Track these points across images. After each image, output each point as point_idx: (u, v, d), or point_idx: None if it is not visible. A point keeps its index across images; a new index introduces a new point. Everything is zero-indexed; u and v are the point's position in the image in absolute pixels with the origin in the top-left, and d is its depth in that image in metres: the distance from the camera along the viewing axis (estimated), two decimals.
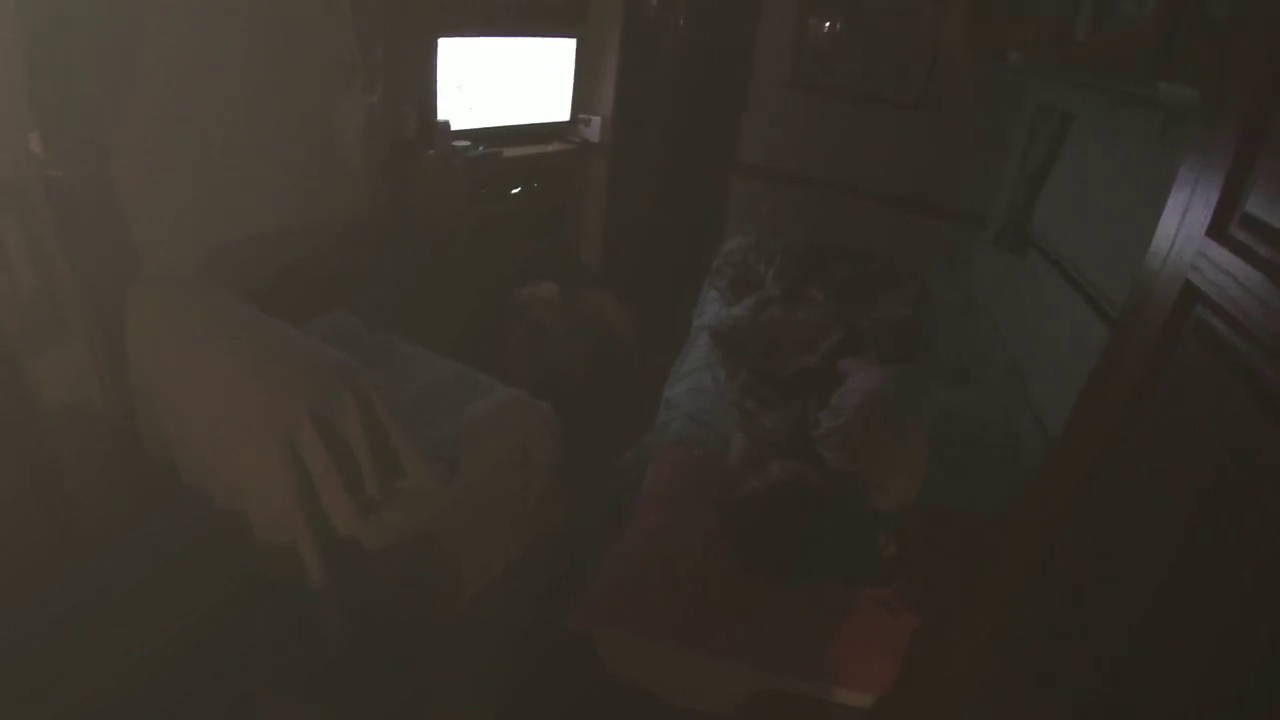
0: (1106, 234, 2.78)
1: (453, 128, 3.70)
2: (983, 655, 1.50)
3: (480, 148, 3.83)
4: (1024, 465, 2.59)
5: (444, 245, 3.57)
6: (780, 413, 2.65)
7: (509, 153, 4.01)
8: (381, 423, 2.03)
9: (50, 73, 2.03)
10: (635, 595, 1.98)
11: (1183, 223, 1.11)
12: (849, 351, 2.99)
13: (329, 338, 2.38)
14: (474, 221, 3.75)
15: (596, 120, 4.46)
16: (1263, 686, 0.83)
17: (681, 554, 2.09)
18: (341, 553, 2.08)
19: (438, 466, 2.21)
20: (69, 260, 2.16)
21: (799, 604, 2.00)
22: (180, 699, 1.97)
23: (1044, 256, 3.28)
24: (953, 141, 4.18)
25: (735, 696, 1.93)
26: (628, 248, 4.88)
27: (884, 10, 4.09)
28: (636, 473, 2.54)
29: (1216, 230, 1.02)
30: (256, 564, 2.14)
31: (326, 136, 3.11)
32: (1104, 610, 1.14)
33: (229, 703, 2.01)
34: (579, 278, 4.67)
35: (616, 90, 4.45)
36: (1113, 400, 1.22)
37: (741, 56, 4.44)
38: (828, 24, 4.21)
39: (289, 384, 1.94)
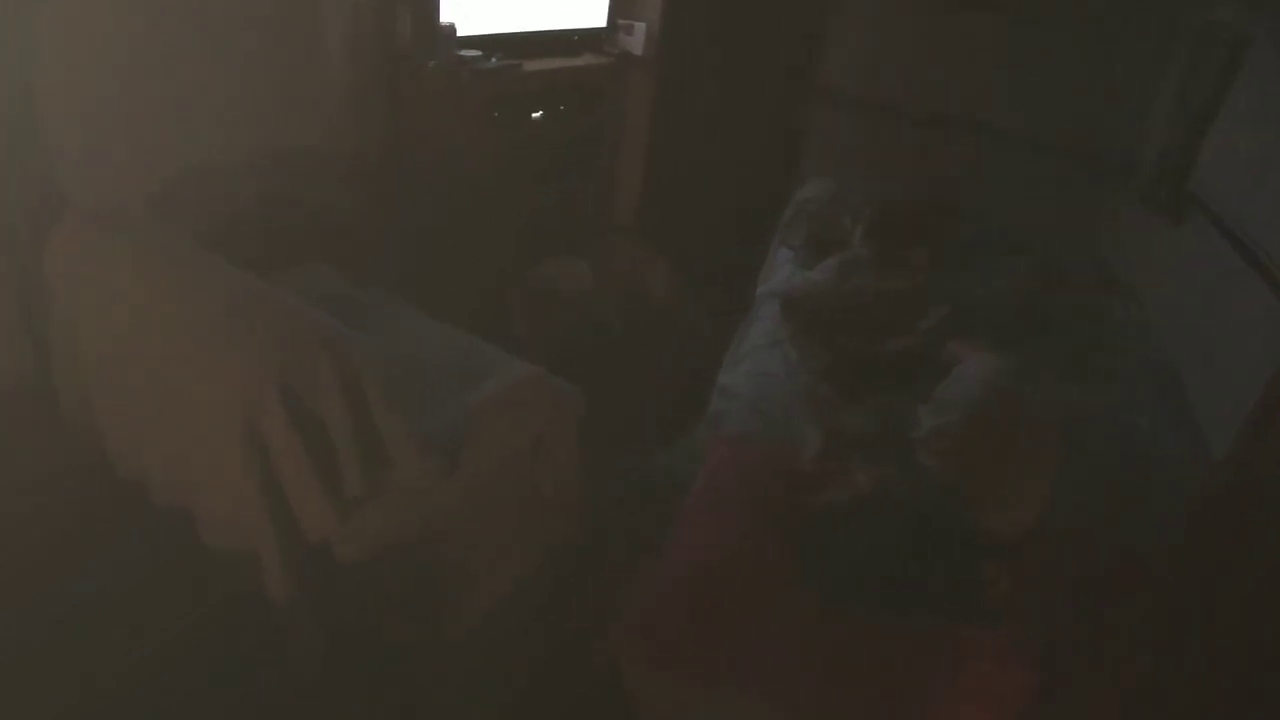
0: None
1: (459, 33, 3.69)
2: None
3: (494, 59, 3.82)
4: (1175, 487, 2.55)
5: (449, 182, 3.57)
6: (868, 406, 2.63)
7: (530, 66, 4.00)
8: (367, 400, 2.04)
9: None
10: (677, 625, 1.98)
11: None
12: (957, 332, 2.97)
13: (304, 294, 2.39)
14: (489, 153, 3.75)
15: (640, 27, 4.43)
16: None
17: (737, 577, 2.09)
18: (313, 562, 2.10)
19: (434, 457, 2.22)
20: None
21: (882, 647, 1.99)
22: None
23: (1209, 221, 3.21)
24: (1094, 68, 4.10)
25: None
26: (675, 190, 4.86)
27: None
28: (681, 474, 2.54)
29: None
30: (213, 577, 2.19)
31: (300, 42, 3.11)
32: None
33: None
34: (611, 225, 4.67)
35: None
36: None
37: None
38: None
39: (252, 349, 1.95)
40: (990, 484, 2.29)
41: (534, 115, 4.11)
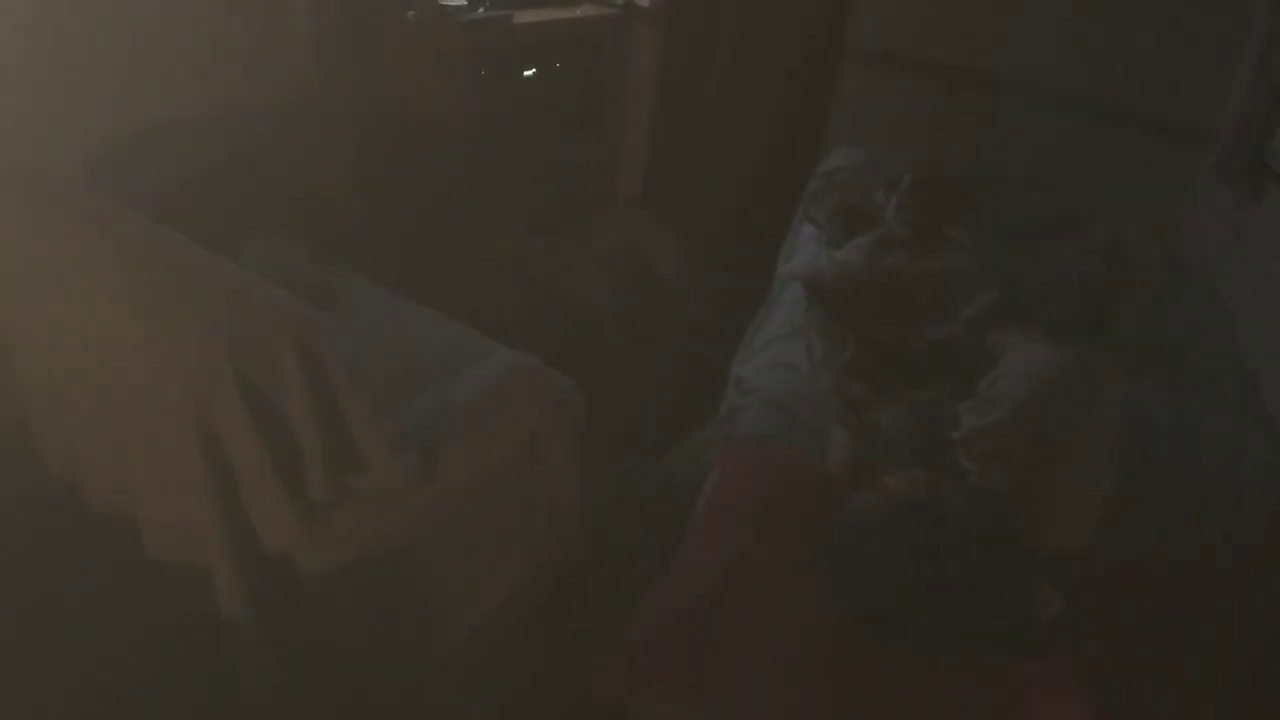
0: None
1: None
2: None
3: (481, 8, 3.82)
4: (1252, 497, 2.55)
5: (430, 148, 3.56)
6: (902, 404, 2.63)
7: (522, 17, 3.99)
8: (334, 392, 2.03)
9: None
10: (687, 653, 1.98)
11: None
12: (1004, 320, 2.95)
13: (264, 270, 2.39)
14: (477, 114, 3.74)
15: None
16: None
17: (754, 597, 2.09)
18: (273, 576, 2.10)
19: (410, 457, 2.22)
20: None
21: (919, 676, 1.99)
22: None
23: None
24: (1162, 21, 4.08)
25: None
26: (685, 158, 4.84)
27: None
28: (691, 479, 2.54)
29: None
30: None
31: None
32: None
33: None
34: (612, 197, 4.66)
35: None
36: None
37: None
38: None
39: (203, 332, 1.95)
40: (1041, 492, 2.29)
41: (526, 73, 4.11)
